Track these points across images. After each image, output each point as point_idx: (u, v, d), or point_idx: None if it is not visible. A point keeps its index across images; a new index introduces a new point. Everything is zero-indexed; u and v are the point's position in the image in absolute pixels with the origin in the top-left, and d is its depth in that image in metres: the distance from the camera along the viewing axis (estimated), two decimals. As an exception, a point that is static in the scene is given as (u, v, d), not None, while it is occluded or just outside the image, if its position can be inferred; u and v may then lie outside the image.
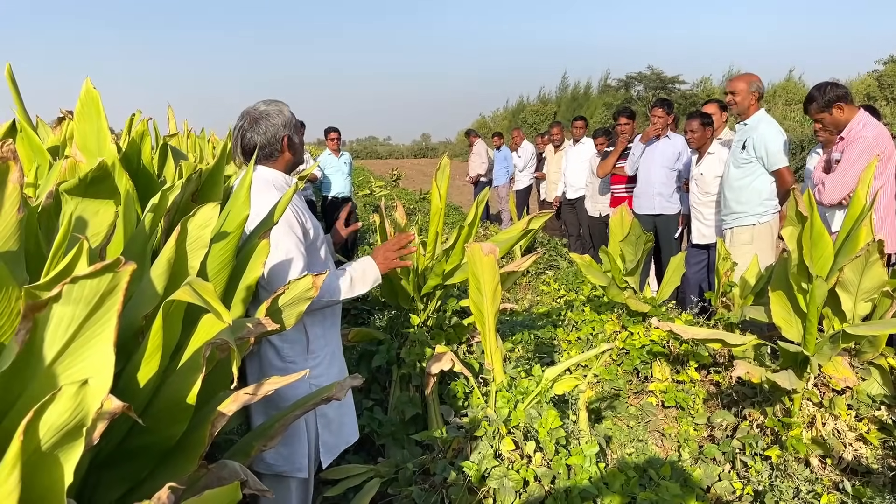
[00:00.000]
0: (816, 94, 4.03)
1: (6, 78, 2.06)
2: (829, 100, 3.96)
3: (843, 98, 3.96)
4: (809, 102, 4.08)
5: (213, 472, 1.44)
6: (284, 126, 2.39)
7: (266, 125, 2.36)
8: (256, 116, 2.38)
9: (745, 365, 2.91)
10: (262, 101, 2.45)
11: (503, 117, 47.78)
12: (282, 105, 2.45)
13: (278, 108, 2.42)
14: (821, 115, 4.03)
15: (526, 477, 2.29)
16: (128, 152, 2.13)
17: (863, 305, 2.83)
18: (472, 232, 3.25)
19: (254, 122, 2.37)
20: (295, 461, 2.35)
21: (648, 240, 3.95)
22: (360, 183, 17.97)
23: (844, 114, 3.96)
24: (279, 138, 2.38)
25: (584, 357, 2.72)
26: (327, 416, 2.41)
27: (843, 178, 3.90)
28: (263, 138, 2.36)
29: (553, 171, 9.13)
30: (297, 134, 2.47)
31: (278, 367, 2.32)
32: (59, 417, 0.92)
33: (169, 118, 4.78)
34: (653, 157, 6.07)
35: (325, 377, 2.39)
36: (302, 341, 2.34)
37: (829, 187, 3.97)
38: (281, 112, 2.41)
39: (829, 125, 4.05)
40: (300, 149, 2.51)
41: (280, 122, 2.39)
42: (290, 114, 2.44)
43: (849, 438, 2.77)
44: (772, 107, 28.69)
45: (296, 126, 2.46)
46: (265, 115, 2.38)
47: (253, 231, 1.96)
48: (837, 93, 3.96)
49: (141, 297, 1.43)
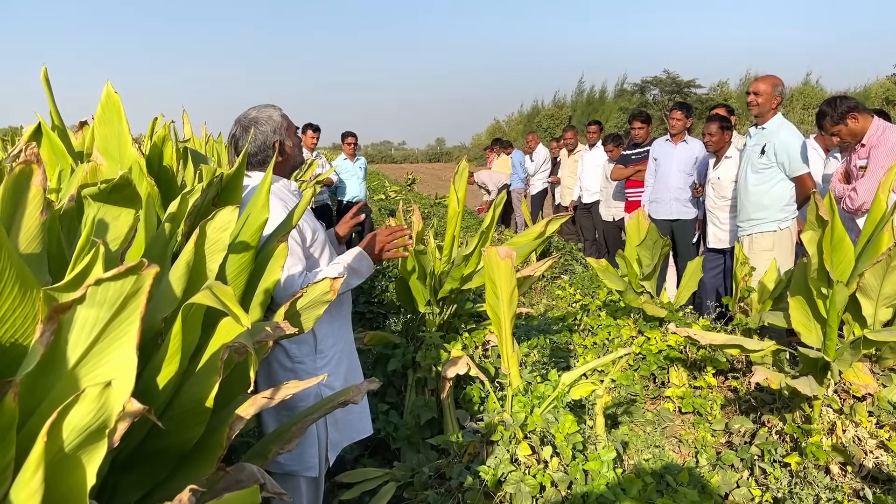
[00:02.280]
0: (827, 108, 4.02)
1: (42, 80, 2.08)
2: (841, 112, 3.95)
3: (856, 108, 3.95)
4: (822, 118, 4.06)
5: (232, 474, 1.45)
6: (275, 131, 2.40)
7: (255, 132, 2.37)
8: (246, 124, 2.39)
9: (764, 371, 2.88)
10: (253, 107, 2.45)
11: (518, 121, 47.77)
12: (271, 110, 2.45)
13: (268, 114, 2.42)
14: (836, 129, 4.01)
15: (542, 482, 2.28)
16: (150, 156, 2.15)
17: (884, 311, 2.80)
18: (488, 236, 3.25)
19: (244, 130, 2.38)
20: (305, 460, 2.35)
21: (665, 244, 3.93)
22: (374, 187, 18.02)
23: (860, 123, 3.95)
24: (270, 144, 2.38)
25: (601, 362, 2.71)
26: (334, 414, 2.42)
27: (874, 182, 3.88)
28: (254, 146, 2.38)
29: (567, 176, 9.11)
30: (291, 137, 2.47)
31: (287, 368, 2.33)
32: (83, 419, 0.93)
33: (184, 123, 4.82)
34: (671, 162, 6.04)
35: (334, 376, 2.39)
36: (310, 341, 2.34)
37: (862, 192, 3.93)
38: (270, 118, 2.41)
39: (847, 137, 4.03)
40: (296, 151, 2.50)
41: (270, 128, 2.40)
42: (281, 117, 2.44)
43: (869, 446, 2.74)
44: (790, 111, 28.49)
45: (288, 128, 2.46)
46: (254, 121, 2.39)
47: (270, 235, 1.97)
48: (849, 104, 3.96)
49: (160, 300, 1.43)
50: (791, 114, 26.20)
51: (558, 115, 42.11)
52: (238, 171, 2.00)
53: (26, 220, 1.21)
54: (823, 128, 4.09)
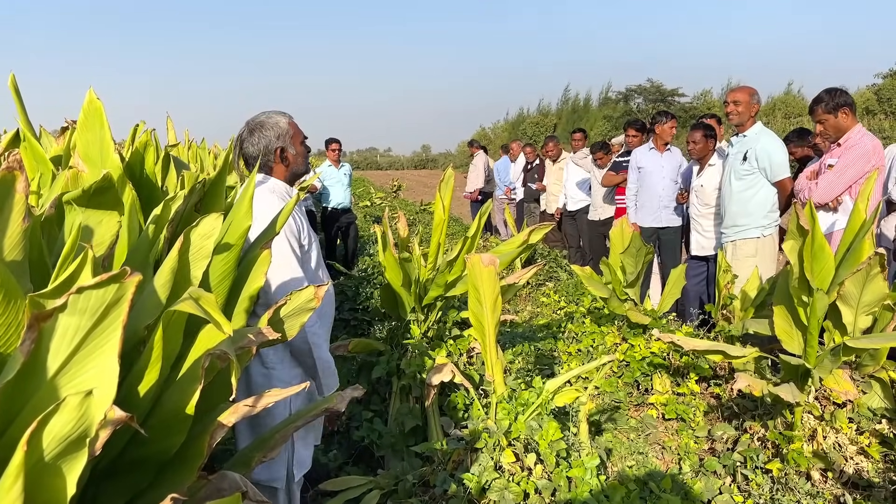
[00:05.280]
0: (825, 96, 4.08)
1: (10, 87, 2.07)
2: (837, 103, 4.02)
3: (850, 106, 4.05)
4: (817, 103, 4.12)
5: (213, 483, 1.44)
6: (278, 138, 2.41)
7: (259, 136, 2.40)
8: (252, 127, 2.42)
9: (747, 377, 2.90)
10: (264, 112, 2.47)
11: (503, 129, 47.87)
12: (279, 117, 2.46)
13: (275, 120, 2.43)
14: (826, 117, 4.08)
15: (526, 489, 2.29)
16: (131, 162, 2.13)
17: (863, 319, 2.83)
18: (473, 244, 3.26)
19: (250, 133, 2.42)
20: (273, 471, 2.35)
21: (649, 252, 3.95)
22: (360, 194, 17.99)
23: (847, 121, 4.03)
24: (272, 150, 2.40)
25: (585, 369, 2.72)
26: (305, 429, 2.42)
27: (838, 179, 3.99)
28: (256, 149, 2.40)
29: (552, 184, 9.15)
30: (296, 145, 2.47)
31: (261, 373, 2.34)
32: (63, 428, 0.92)
33: (168, 128, 4.79)
34: (657, 170, 6.09)
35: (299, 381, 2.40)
36: (285, 347, 2.34)
37: (822, 186, 4.03)
38: (276, 124, 2.43)
39: (831, 129, 4.09)
40: (300, 160, 2.50)
41: (273, 134, 2.41)
42: (288, 125, 2.45)
43: (850, 452, 2.76)
44: (771, 120, 28.77)
45: (294, 136, 2.47)
46: (260, 126, 2.41)
47: (255, 241, 1.96)
48: (846, 99, 4.05)
49: (143, 308, 1.42)
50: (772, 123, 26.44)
51: (543, 122, 42.27)
52: (220, 177, 2.00)
53: (9, 227, 1.20)
54: (814, 112, 4.15)
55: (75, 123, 2.01)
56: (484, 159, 12.05)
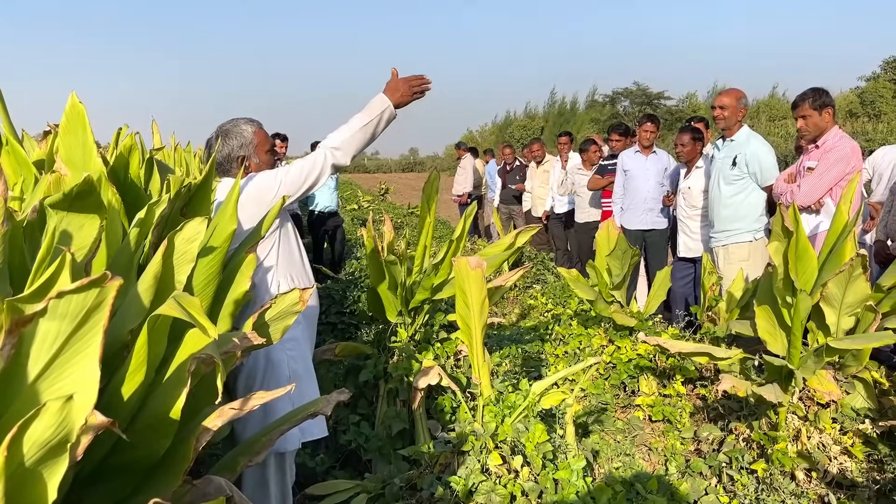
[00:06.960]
0: (812, 93, 4.15)
1: None
2: (823, 102, 4.09)
3: (833, 107, 4.11)
4: (804, 99, 4.17)
5: (199, 487, 1.43)
6: (241, 147, 2.45)
7: (223, 143, 2.45)
8: (219, 133, 2.49)
9: (731, 379, 2.92)
10: (233, 119, 2.52)
11: (490, 132, 48.03)
12: (245, 125, 2.49)
13: (240, 129, 2.47)
14: (809, 113, 4.13)
15: (513, 492, 2.29)
16: (115, 166, 2.12)
17: (846, 319, 2.86)
18: (459, 246, 3.26)
19: (216, 139, 2.47)
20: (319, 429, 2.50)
21: (635, 254, 3.97)
22: (347, 197, 17.93)
23: (827, 122, 4.08)
24: (234, 157, 2.44)
25: (572, 371, 2.73)
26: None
27: (820, 181, 4.04)
28: (220, 155, 2.46)
29: (538, 186, 9.16)
30: (259, 154, 2.50)
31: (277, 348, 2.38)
32: (44, 433, 0.91)
33: (153, 132, 4.77)
34: (643, 173, 6.12)
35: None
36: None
37: (805, 189, 4.07)
38: (241, 133, 2.46)
39: (811, 126, 4.14)
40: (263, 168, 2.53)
41: (237, 143, 2.45)
42: (253, 134, 2.48)
43: (834, 452, 2.79)
44: (755, 122, 29.02)
45: (259, 146, 2.49)
46: (225, 133, 2.47)
47: (240, 245, 1.96)
48: (831, 101, 4.15)
49: (127, 312, 1.42)
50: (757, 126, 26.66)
51: (531, 125, 42.43)
52: (206, 181, 1.99)
53: (-12, 230, 1.19)
54: (799, 107, 4.20)
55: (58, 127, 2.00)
56: (472, 162, 12.08)
